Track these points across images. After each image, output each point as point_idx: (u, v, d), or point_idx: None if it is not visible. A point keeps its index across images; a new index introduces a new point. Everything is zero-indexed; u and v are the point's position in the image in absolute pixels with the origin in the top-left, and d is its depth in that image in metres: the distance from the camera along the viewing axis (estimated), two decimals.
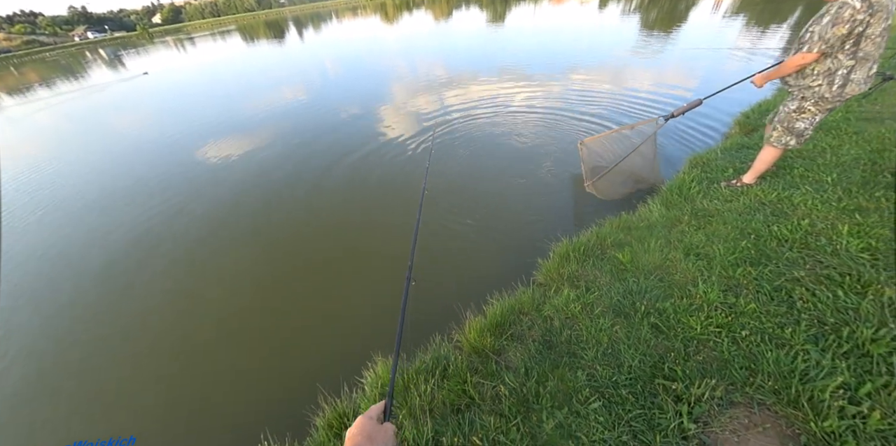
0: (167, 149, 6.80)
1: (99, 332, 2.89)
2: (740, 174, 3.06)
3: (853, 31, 1.93)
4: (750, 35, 10.67)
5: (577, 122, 5.52)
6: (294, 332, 2.65)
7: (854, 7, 1.88)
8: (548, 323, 2.07)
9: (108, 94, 14.90)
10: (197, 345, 2.66)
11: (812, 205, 2.42)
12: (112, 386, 2.45)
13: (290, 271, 3.24)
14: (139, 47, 36.78)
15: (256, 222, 4.02)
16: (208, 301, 3.05)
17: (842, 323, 1.56)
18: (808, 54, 2.09)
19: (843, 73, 2.08)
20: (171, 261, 3.58)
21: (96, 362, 2.64)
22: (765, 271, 1.97)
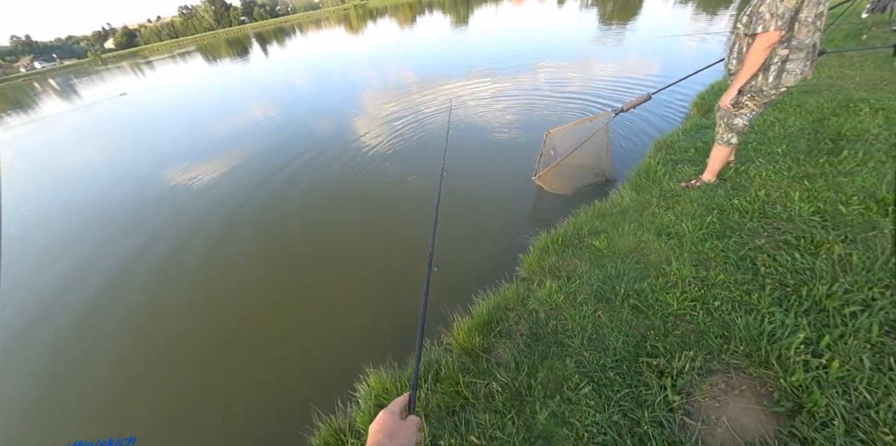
0: (149, 173, 6.59)
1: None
2: (702, 163, 3.16)
3: (800, 4, 1.85)
4: (700, 20, 11.37)
5: (549, 117, 5.73)
6: (281, 353, 2.63)
7: None
8: (533, 316, 2.14)
9: (89, 115, 14.66)
10: (182, 379, 2.60)
11: (766, 176, 2.61)
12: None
13: (271, 294, 3.21)
14: (93, 74, 35.43)
15: (237, 247, 3.97)
16: (187, 333, 2.98)
17: (800, 283, 1.70)
18: (768, 34, 1.92)
19: (778, 63, 2.06)
20: (152, 288, 3.49)
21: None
22: (730, 243, 2.11)
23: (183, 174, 6.19)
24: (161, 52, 53.02)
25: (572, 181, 3.48)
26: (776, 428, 1.22)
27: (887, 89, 3.47)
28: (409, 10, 42.67)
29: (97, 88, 24.44)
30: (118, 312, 3.28)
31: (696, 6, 14.30)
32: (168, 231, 4.44)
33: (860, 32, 5.18)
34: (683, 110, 5.10)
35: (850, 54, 4.64)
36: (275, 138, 7.13)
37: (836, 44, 5.09)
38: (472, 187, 4.12)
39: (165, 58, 39.42)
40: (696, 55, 7.71)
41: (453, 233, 3.44)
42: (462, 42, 15.47)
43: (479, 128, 5.78)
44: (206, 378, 2.56)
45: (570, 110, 5.90)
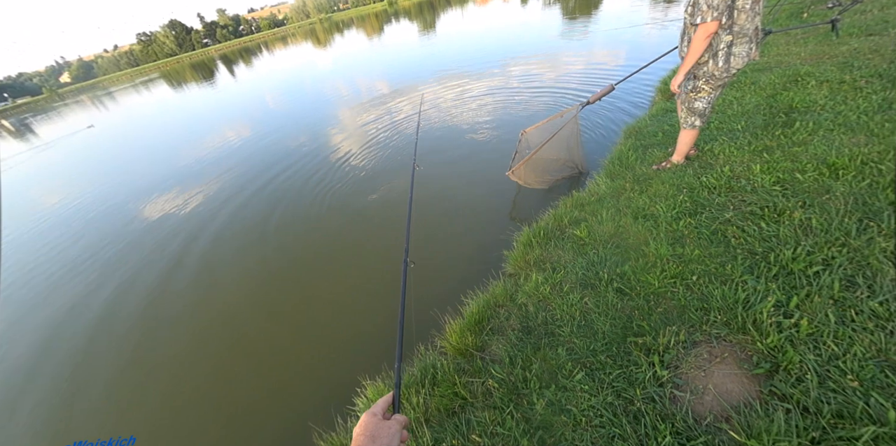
0: (127, 205, 6.42)
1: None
2: (670, 145, 3.34)
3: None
4: (657, 9, 11.89)
5: (523, 112, 5.88)
6: (275, 373, 2.60)
7: None
8: (523, 310, 2.19)
9: (56, 151, 14.10)
10: (184, 386, 2.58)
11: (730, 153, 2.75)
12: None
13: (262, 316, 3.18)
14: (51, 111, 34.35)
15: (223, 271, 3.91)
16: (181, 354, 2.91)
17: (768, 250, 1.80)
18: (706, 25, 2.09)
19: (724, 49, 2.20)
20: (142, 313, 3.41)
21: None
22: (702, 219, 2.21)
23: (163, 203, 6.07)
24: (122, 81, 51.63)
25: (546, 175, 3.57)
26: (758, 389, 1.29)
27: (829, 62, 3.70)
28: (376, 19, 43.02)
29: (57, 125, 23.76)
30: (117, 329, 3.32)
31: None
32: (154, 259, 4.37)
33: (801, 11, 5.52)
34: (649, 95, 5.30)
35: (794, 32, 4.93)
36: (251, 159, 7.08)
37: (781, 23, 5.41)
38: (452, 190, 4.18)
39: (127, 87, 38.60)
40: (658, 42, 8.05)
41: (437, 236, 3.48)
42: (431, 47, 15.72)
43: (455, 129, 5.88)
44: (203, 393, 2.58)
45: (544, 103, 6.10)
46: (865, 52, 3.61)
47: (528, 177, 3.48)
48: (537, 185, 3.57)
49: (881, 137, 2.26)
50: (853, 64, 3.45)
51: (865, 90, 2.90)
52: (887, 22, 4.13)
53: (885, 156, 2.08)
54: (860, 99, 2.80)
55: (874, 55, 3.49)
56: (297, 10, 76.97)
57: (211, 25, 75.53)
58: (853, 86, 3.04)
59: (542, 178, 3.57)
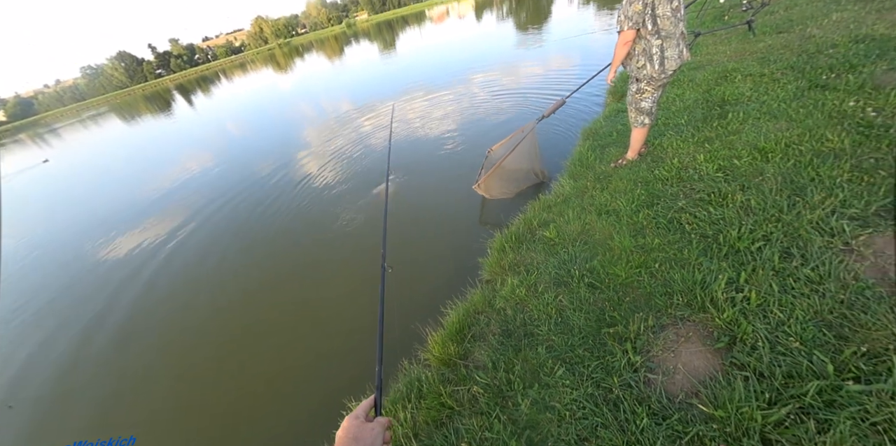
0: (94, 242, 6.02)
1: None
2: (624, 143, 3.57)
3: (646, 8, 2.33)
4: (602, 17, 12.84)
5: (488, 121, 6.13)
6: (257, 403, 2.50)
7: None
8: (502, 314, 2.24)
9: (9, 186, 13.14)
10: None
11: (677, 146, 2.99)
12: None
13: (238, 341, 3.07)
14: None
15: (204, 295, 3.77)
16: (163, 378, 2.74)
17: (717, 232, 1.96)
18: (624, 33, 2.42)
19: (658, 53, 2.43)
20: None
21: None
22: (658, 209, 2.38)
23: (133, 238, 5.77)
24: (67, 117, 48.67)
25: (510, 185, 3.74)
26: (721, 362, 1.39)
27: (750, 58, 4.14)
28: (336, 42, 43.58)
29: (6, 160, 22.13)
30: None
31: (597, 6, 16.16)
32: (129, 287, 4.20)
33: (723, 15, 6.17)
34: (602, 98, 5.67)
35: (720, 33, 5.49)
36: (215, 189, 6.89)
37: (708, 25, 6.01)
38: (423, 203, 4.26)
39: (74, 123, 36.55)
40: (606, 46, 8.67)
41: (412, 250, 3.51)
42: (394, 64, 16.12)
43: (423, 143, 6.03)
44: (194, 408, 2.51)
45: (506, 111, 6.41)
46: (778, 48, 4.07)
47: (493, 189, 3.64)
48: (501, 196, 3.73)
49: (798, 122, 2.55)
50: (769, 58, 3.88)
51: (782, 81, 3.26)
52: (792, 21, 4.69)
53: (803, 138, 2.35)
54: (778, 89, 3.14)
55: (785, 50, 3.94)
56: (253, 36, 76.63)
57: (164, 55, 73.36)
58: (772, 78, 3.41)
59: (507, 189, 3.73)
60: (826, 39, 3.66)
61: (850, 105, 2.43)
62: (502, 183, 3.73)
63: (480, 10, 31.42)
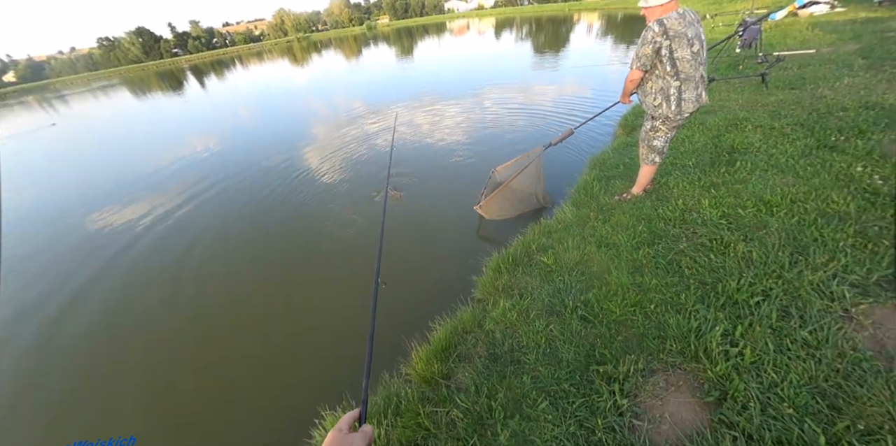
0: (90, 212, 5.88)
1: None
2: (630, 177, 3.59)
3: (659, 52, 2.36)
4: (618, 51, 13.11)
5: (498, 137, 6.14)
6: (227, 410, 2.39)
7: (653, 30, 2.27)
8: (490, 336, 2.19)
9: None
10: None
11: (682, 187, 3.00)
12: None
13: (212, 343, 2.95)
14: None
15: (187, 286, 3.63)
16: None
17: (716, 280, 1.94)
18: (631, 71, 2.48)
19: (675, 93, 2.43)
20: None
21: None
22: (659, 249, 2.36)
23: (117, 213, 5.63)
24: (77, 85, 47.63)
25: (512, 208, 3.73)
26: (709, 417, 1.35)
27: (761, 110, 4.21)
28: (354, 42, 43.83)
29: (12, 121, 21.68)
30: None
31: (614, 39, 16.56)
32: (116, 267, 4.01)
33: (738, 63, 6.31)
34: (612, 129, 5.72)
35: (733, 81, 5.60)
36: (219, 172, 6.81)
37: (722, 72, 6.13)
38: (423, 211, 4.22)
39: (83, 91, 35.88)
40: (619, 80, 8.81)
41: (406, 259, 3.46)
42: (409, 70, 16.26)
43: (430, 150, 6.03)
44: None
45: (518, 129, 6.48)
46: (789, 104, 4.15)
47: (493, 210, 3.63)
48: (501, 218, 3.71)
49: (805, 179, 2.57)
50: (780, 113, 3.95)
51: (791, 136, 3.31)
52: (805, 79, 4.80)
53: (809, 196, 2.36)
54: (787, 144, 3.19)
55: (796, 106, 4.02)
56: (273, 27, 76.82)
57: (182, 36, 72.73)
58: (781, 132, 3.46)
59: (508, 211, 3.72)
60: (837, 102, 3.74)
61: (858, 170, 2.46)
62: (504, 204, 3.71)
63: (500, 29, 31.89)
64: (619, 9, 32.48)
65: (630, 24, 21.04)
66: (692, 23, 2.29)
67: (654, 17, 2.33)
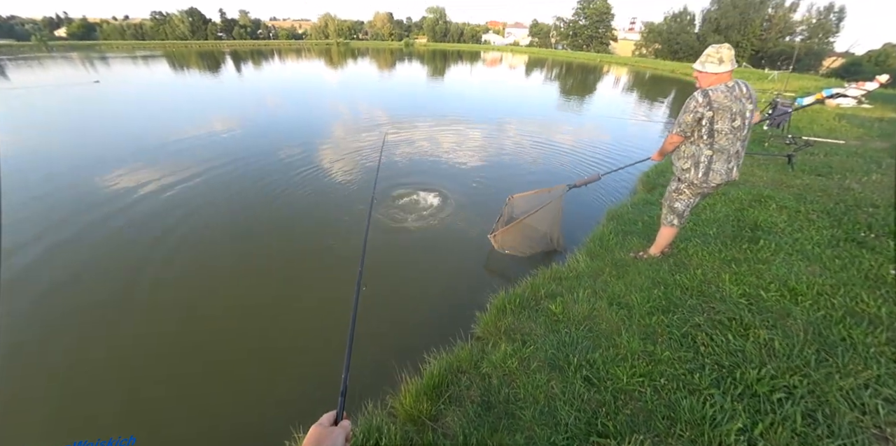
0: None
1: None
2: (648, 235, 3.51)
3: (700, 121, 2.33)
4: (641, 107, 13.44)
5: (513, 168, 6.17)
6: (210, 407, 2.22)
7: (697, 100, 2.24)
8: (486, 381, 2.05)
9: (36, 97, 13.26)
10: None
11: (702, 256, 2.90)
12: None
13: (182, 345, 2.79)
14: (31, 59, 32.12)
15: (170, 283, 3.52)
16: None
17: (734, 365, 1.81)
18: (672, 135, 2.47)
19: (705, 162, 2.39)
20: None
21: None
22: (674, 319, 2.24)
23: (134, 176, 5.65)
24: (121, 50, 48.98)
25: (525, 245, 3.62)
26: None
27: (786, 191, 4.17)
28: (390, 55, 45.08)
29: (41, 73, 22.22)
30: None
31: (639, 95, 17.01)
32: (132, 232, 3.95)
33: (763, 140, 6.37)
34: (632, 184, 5.70)
35: (758, 157, 5.62)
36: (227, 152, 6.92)
37: (748, 147, 6.18)
38: (434, 234, 4.10)
39: (125, 57, 36.82)
40: (638, 136, 9.03)
41: (409, 281, 3.35)
42: (438, 90, 16.75)
43: (449, 170, 6.04)
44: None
45: (538, 162, 6.60)
46: (815, 189, 4.11)
47: (507, 243, 3.53)
48: (512, 252, 3.60)
49: (832, 272, 2.47)
50: (806, 197, 3.90)
51: (817, 223, 3.24)
52: (832, 167, 4.79)
53: (836, 291, 2.25)
54: (813, 230, 3.11)
55: (822, 194, 3.97)
56: (317, 29, 79.58)
57: (230, 22, 75.52)
58: (807, 217, 3.40)
59: (521, 248, 3.62)
60: (865, 197, 3.69)
61: (892, 273, 2.36)
62: (517, 239, 3.61)
63: (531, 67, 32.66)
64: (649, 68, 33.37)
65: (657, 84, 21.66)
66: (740, 98, 2.24)
67: (705, 84, 2.31)
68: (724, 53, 2.21)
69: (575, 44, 53.90)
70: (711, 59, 2.24)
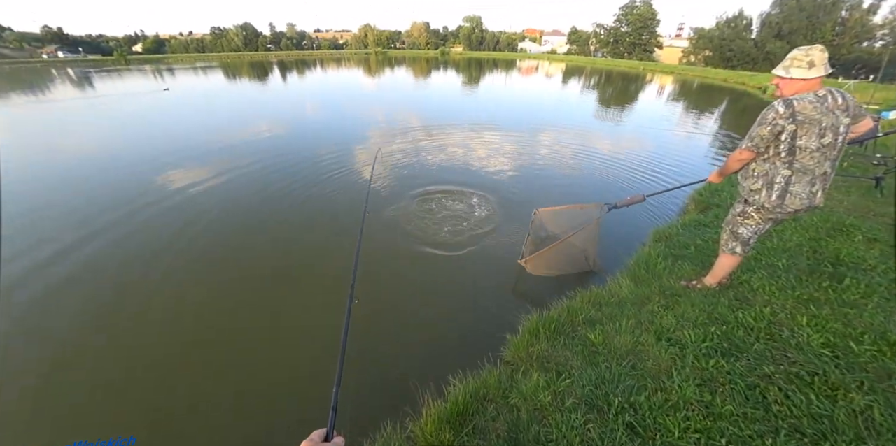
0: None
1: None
2: (702, 261, 3.12)
3: (779, 135, 1.93)
4: (688, 118, 12.43)
5: (547, 177, 5.90)
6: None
7: (777, 111, 1.89)
8: (514, 414, 1.86)
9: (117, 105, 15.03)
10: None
11: (770, 292, 2.50)
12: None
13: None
14: (112, 71, 35.97)
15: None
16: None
17: (819, 435, 1.48)
18: (740, 151, 2.11)
19: (781, 183, 2.03)
20: None
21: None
22: (737, 365, 1.91)
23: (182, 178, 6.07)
24: (184, 62, 53.96)
25: (558, 265, 3.36)
26: None
27: (875, 219, 3.57)
28: (426, 63, 45.35)
29: (120, 83, 24.89)
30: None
31: (685, 105, 15.74)
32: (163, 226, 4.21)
33: (842, 160, 5.57)
34: (682, 202, 5.21)
35: (836, 178, 4.91)
36: (270, 154, 7.25)
37: None
38: (462, 250, 3.89)
39: (187, 68, 40.33)
40: (684, 148, 8.34)
41: (436, 299, 3.21)
42: (471, 97, 16.64)
43: (482, 178, 5.87)
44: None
45: (573, 175, 6.32)
46: None
47: (539, 266, 3.30)
48: (544, 274, 3.36)
49: None
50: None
51: None
52: None
53: None
54: None
55: None
56: (357, 39, 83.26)
57: (278, 34, 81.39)
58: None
59: (555, 268, 3.36)
60: None
61: None
62: (552, 261, 3.33)
63: (568, 75, 31.39)
64: (698, 76, 30.89)
65: (707, 94, 20.01)
66: (832, 110, 1.85)
67: (788, 92, 1.94)
68: (815, 56, 1.85)
69: (616, 51, 51.45)
70: (799, 62, 1.88)
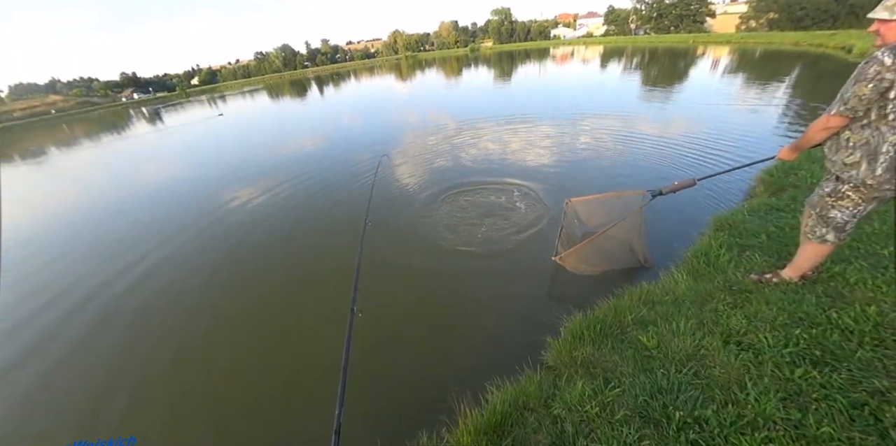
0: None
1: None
2: (775, 251, 2.64)
3: (886, 93, 1.57)
4: (749, 91, 10.85)
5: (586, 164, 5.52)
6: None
7: (883, 63, 1.53)
8: (558, 426, 1.69)
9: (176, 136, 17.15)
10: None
11: (874, 287, 2.05)
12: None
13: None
14: (176, 105, 40.32)
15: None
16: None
17: None
18: (828, 117, 1.76)
19: (890, 153, 1.64)
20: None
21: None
22: (834, 377, 1.56)
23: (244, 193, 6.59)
24: (233, 88, 59.71)
25: (596, 265, 3.01)
26: None
27: None
28: (456, 62, 44.52)
29: (181, 115, 27.78)
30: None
31: (745, 77, 13.77)
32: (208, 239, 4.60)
33: None
34: (747, 184, 4.55)
35: None
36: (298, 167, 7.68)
37: None
38: (497, 248, 3.72)
39: (236, 93, 44.18)
40: (747, 124, 7.17)
41: (471, 300, 3.09)
42: (504, 94, 16.02)
43: (519, 171, 5.62)
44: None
45: (612, 158, 5.96)
46: None
47: (578, 264, 2.98)
48: (584, 271, 3.04)
49: None
50: None
51: None
52: None
53: None
54: None
55: None
56: (387, 46, 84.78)
57: (314, 51, 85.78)
58: None
59: (595, 264, 3.02)
60: None
61: None
62: (589, 260, 2.99)
63: (607, 58, 28.80)
64: (761, 43, 26.83)
65: (773, 62, 17.47)
66: None
67: (894, 38, 1.57)
68: None
69: (660, 26, 46.77)
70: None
